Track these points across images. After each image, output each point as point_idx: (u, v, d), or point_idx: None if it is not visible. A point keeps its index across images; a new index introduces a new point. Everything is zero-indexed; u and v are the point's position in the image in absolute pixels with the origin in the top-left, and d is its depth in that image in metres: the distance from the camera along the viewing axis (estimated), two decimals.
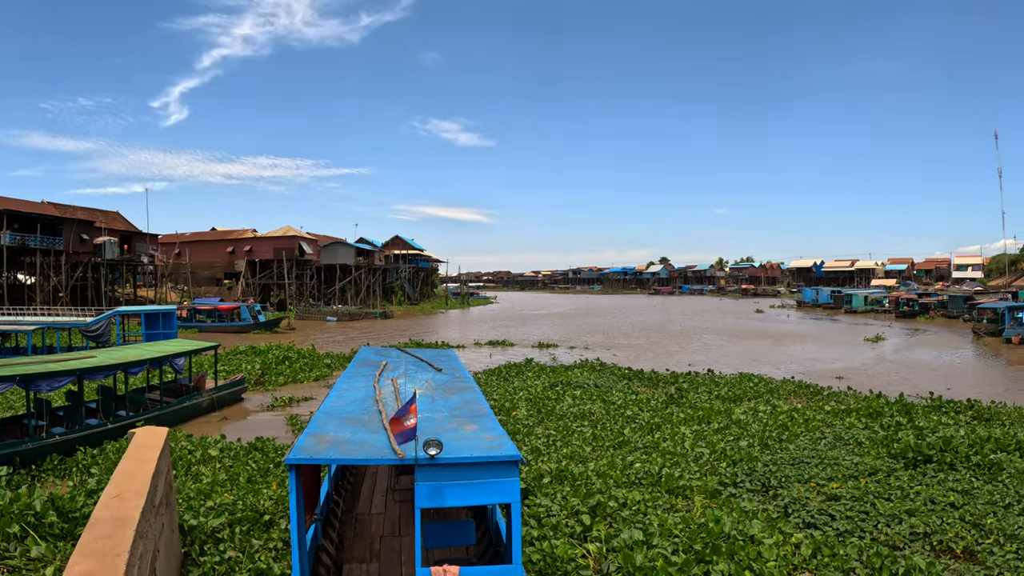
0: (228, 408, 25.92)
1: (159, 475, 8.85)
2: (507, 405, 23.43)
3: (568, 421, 20.99)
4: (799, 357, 45.50)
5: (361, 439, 7.81)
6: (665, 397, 25.28)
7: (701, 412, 22.22)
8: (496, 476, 7.20)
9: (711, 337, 61.91)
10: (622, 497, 12.67)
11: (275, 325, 68.85)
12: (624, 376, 31.62)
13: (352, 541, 10.30)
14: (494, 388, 27.85)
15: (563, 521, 11.31)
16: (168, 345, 25.93)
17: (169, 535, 9.23)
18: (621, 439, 18.49)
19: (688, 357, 44.70)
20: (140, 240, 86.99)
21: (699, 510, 12.54)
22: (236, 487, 13.50)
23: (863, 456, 16.41)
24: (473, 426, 8.54)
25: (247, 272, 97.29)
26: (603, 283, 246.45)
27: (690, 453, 16.97)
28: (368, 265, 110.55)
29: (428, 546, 8.71)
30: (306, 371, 34.37)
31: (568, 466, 14.94)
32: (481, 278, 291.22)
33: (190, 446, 17.40)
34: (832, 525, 11.96)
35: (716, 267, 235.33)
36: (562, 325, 76.99)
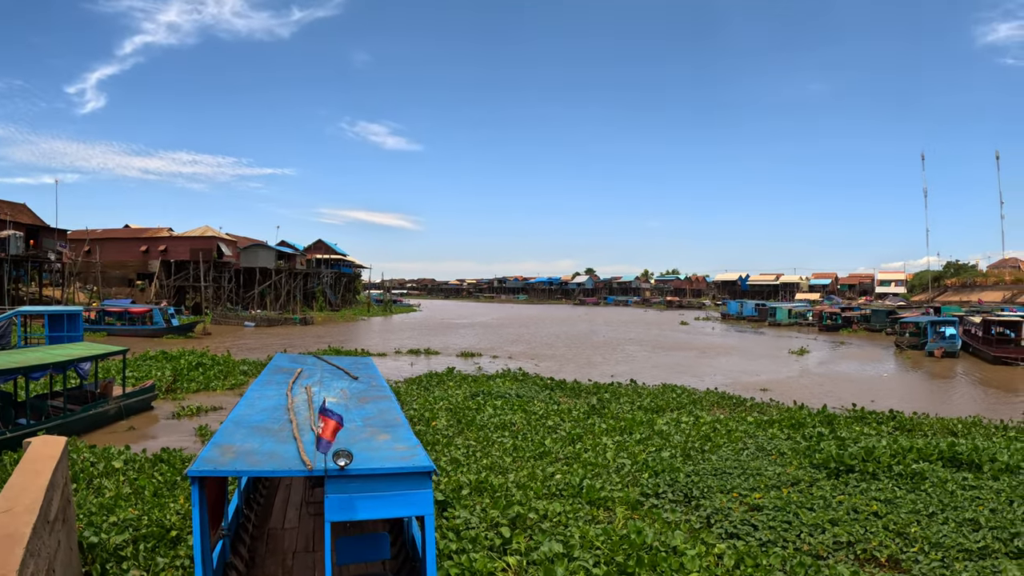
0: (136, 417, 24.96)
1: (55, 488, 8.35)
2: (427, 415, 23.16)
3: (489, 431, 20.82)
4: (724, 369, 46.26)
5: (270, 450, 7.52)
6: (587, 407, 25.31)
7: (623, 423, 22.26)
8: (409, 487, 7.04)
9: (635, 348, 62.53)
10: (543, 509, 12.52)
11: (189, 330, 67.11)
12: (546, 386, 31.65)
13: (264, 557, 9.92)
14: (414, 397, 27.57)
15: (482, 534, 11.12)
16: (73, 349, 24.85)
17: (67, 553, 8.73)
18: (542, 450, 18.36)
19: (611, 368, 45.04)
20: (48, 235, 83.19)
21: (621, 521, 12.47)
22: (141, 501, 12.91)
23: (786, 466, 16.63)
24: (386, 436, 8.38)
25: (161, 273, 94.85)
26: (528, 293, 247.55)
27: (612, 464, 16.93)
28: (289, 269, 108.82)
29: (341, 562, 8.43)
30: (220, 378, 33.48)
31: (488, 477, 14.72)
32: (405, 285, 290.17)
33: (93, 457, 16.58)
34: (755, 535, 11.99)
35: (642, 279, 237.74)
36: (486, 334, 76.97)
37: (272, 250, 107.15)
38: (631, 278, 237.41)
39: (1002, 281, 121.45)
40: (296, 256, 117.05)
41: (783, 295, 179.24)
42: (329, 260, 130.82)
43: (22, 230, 77.32)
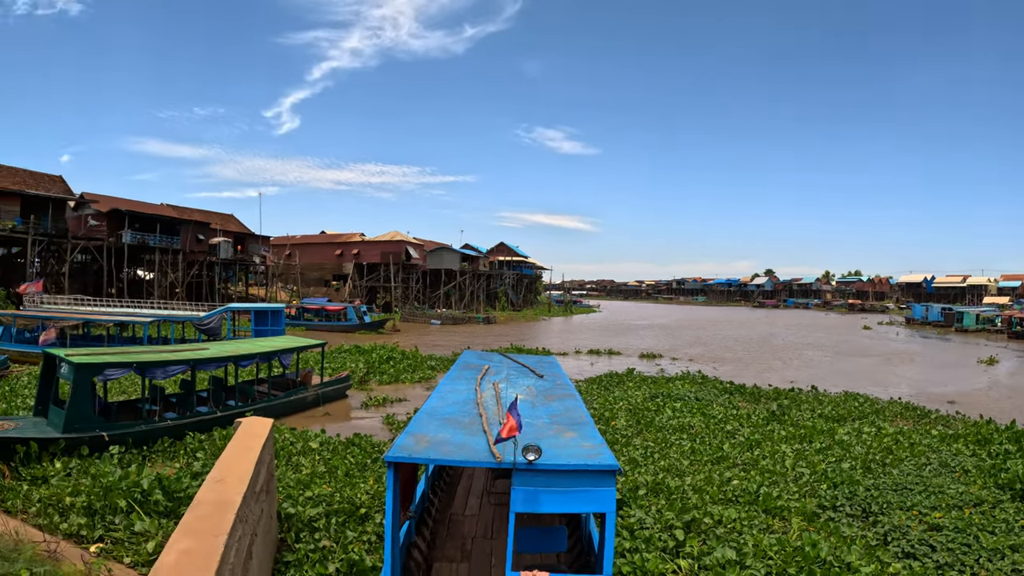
0: (332, 404, 26.45)
1: (262, 463, 9.12)
2: (606, 414, 23.30)
3: (667, 433, 20.70)
4: (908, 378, 43.73)
5: (460, 441, 7.87)
6: (767, 413, 24.67)
7: (803, 431, 21.55)
8: (593, 485, 7.13)
9: (816, 353, 60.13)
10: (717, 514, 12.37)
11: (380, 326, 70.11)
12: (726, 390, 31.03)
13: (444, 540, 10.34)
14: (594, 397, 27.72)
15: (656, 535, 11.10)
16: (277, 341, 26.80)
17: (267, 521, 9.50)
18: (720, 454, 18.12)
19: (792, 373, 43.57)
20: (253, 241, 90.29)
21: (796, 532, 12.16)
22: (334, 480, 13.84)
23: (969, 485, 15.56)
24: (572, 434, 8.49)
25: (354, 274, 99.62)
26: (707, 294, 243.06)
27: (790, 473, 16.49)
28: (472, 271, 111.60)
29: (520, 551, 8.65)
30: (409, 372, 34.81)
31: (664, 479, 14.74)
32: (584, 286, 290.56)
33: (292, 438, 17.99)
34: (932, 557, 11.37)
35: (822, 280, 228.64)
36: (665, 336, 76.08)
37: (456, 253, 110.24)
38: (811, 280, 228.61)
39: None
40: (479, 258, 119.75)
41: (970, 298, 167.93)
42: (511, 262, 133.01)
43: (231, 237, 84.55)
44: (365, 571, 9.72)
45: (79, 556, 9.55)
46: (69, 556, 9.37)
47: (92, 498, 11.69)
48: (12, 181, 61.33)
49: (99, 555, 9.78)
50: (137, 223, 72.09)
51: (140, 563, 9.87)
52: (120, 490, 11.57)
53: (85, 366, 16.55)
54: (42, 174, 65.72)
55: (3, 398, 23.07)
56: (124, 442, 16.72)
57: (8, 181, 60.90)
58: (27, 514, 11.72)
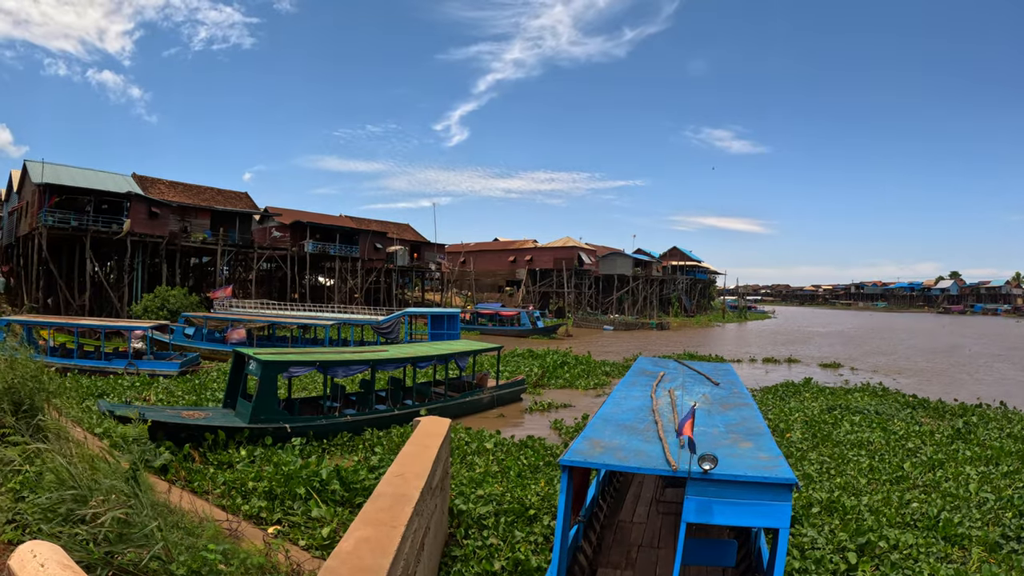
0: (506, 407, 27.05)
1: (439, 461, 9.55)
2: (781, 426, 22.76)
3: (844, 449, 19.93)
4: None
5: (635, 447, 7.92)
6: (951, 431, 23.12)
7: (990, 451, 20.03)
8: (768, 499, 7.00)
9: (1007, 366, 55.62)
10: (894, 538, 11.82)
11: (553, 331, 70.90)
12: (908, 404, 29.44)
13: (610, 546, 10.37)
14: (769, 407, 27.06)
15: (827, 556, 10.80)
16: (454, 344, 27.79)
17: (440, 515, 9.95)
18: (900, 474, 17.23)
19: (980, 388, 40.72)
20: (428, 249, 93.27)
21: (975, 564, 11.40)
22: (506, 480, 14.25)
23: None
24: (748, 444, 8.41)
25: (527, 280, 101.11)
26: (887, 299, 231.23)
27: (973, 498, 15.34)
28: (645, 276, 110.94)
29: (686, 563, 8.45)
30: (584, 377, 35.08)
31: (840, 497, 14.23)
32: (758, 291, 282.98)
33: (468, 438, 18.66)
34: None
35: (1013, 283, 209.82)
36: (843, 344, 72.97)
37: (629, 258, 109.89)
38: (1000, 283, 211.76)
39: None
40: (651, 263, 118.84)
41: None
42: (684, 267, 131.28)
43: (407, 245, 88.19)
44: (530, 571, 9.95)
45: (259, 536, 10.23)
46: (249, 535, 10.02)
47: (273, 484, 12.52)
48: (202, 198, 67.19)
49: (277, 536, 10.43)
50: (318, 233, 76.28)
51: (314, 546, 10.52)
52: (300, 478, 12.39)
53: (272, 363, 17.90)
54: (229, 191, 71.80)
55: (194, 391, 25.11)
56: (305, 434, 17.93)
57: (199, 198, 66.79)
58: (212, 495, 12.78)
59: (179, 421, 16.21)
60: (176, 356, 33.60)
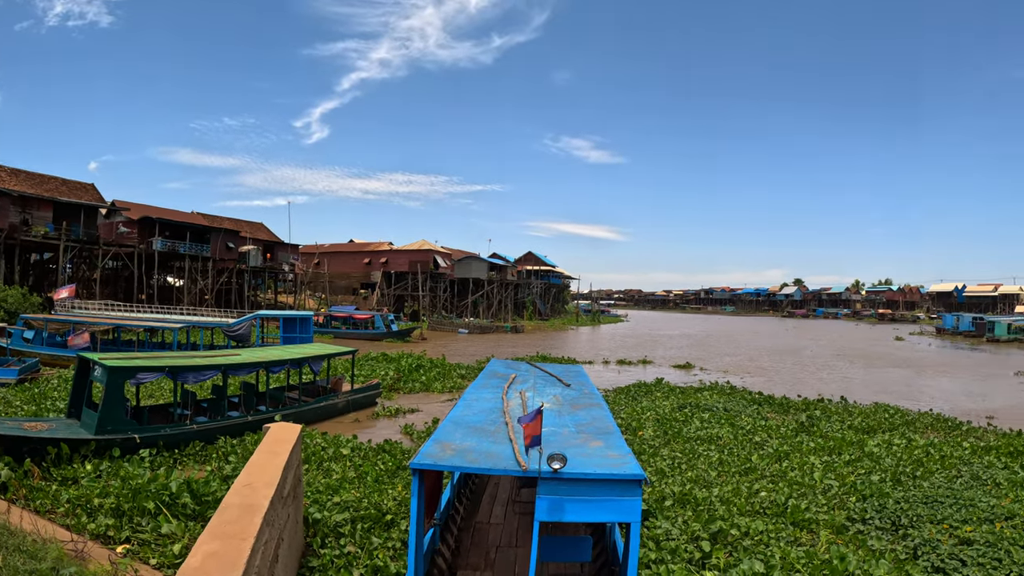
0: (362, 411, 26.58)
1: (289, 468, 9.19)
2: (634, 424, 23.20)
3: (695, 444, 20.59)
4: (942, 390, 43.20)
5: (486, 449, 7.93)
6: (795, 425, 24.43)
7: (832, 442, 21.32)
8: (618, 495, 7.14)
9: (846, 364, 59.38)
10: (745, 526, 12.25)
11: (407, 335, 70.43)
12: (754, 401, 30.78)
13: (468, 548, 10.36)
14: (622, 407, 27.62)
15: (682, 546, 11.04)
16: (308, 348, 27.08)
17: (294, 526, 9.57)
18: (748, 466, 17.97)
19: (821, 385, 43.08)
20: (282, 249, 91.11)
21: (824, 545, 12.01)
22: (363, 485, 13.93)
23: (1000, 498, 15.28)
24: (599, 443, 8.54)
25: (382, 283, 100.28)
26: (735, 304, 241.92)
27: (818, 485, 16.30)
28: (500, 280, 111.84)
29: (544, 560, 8.59)
30: (440, 380, 34.93)
31: (692, 490, 14.65)
32: (612, 296, 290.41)
33: (324, 443, 18.16)
34: (962, 571, 11.16)
35: (852, 290, 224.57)
36: (693, 346, 75.75)
37: (484, 262, 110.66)
38: (841, 289, 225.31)
39: None
40: (507, 267, 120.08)
41: (1002, 307, 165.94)
42: (538, 271, 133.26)
43: (260, 245, 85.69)
44: None
45: (106, 556, 9.68)
46: (96, 556, 9.50)
47: (120, 500, 11.82)
48: (44, 188, 62.02)
49: (126, 556, 9.91)
50: (167, 231, 73.05)
51: (166, 565, 9.99)
52: (148, 492, 11.71)
53: (118, 369, 16.85)
54: (74, 182, 66.60)
55: (34, 400, 23.48)
56: (155, 445, 16.99)
57: (41, 188, 61.61)
58: (55, 514, 11.88)
59: (19, 434, 14.76)
60: (14, 362, 31.04)
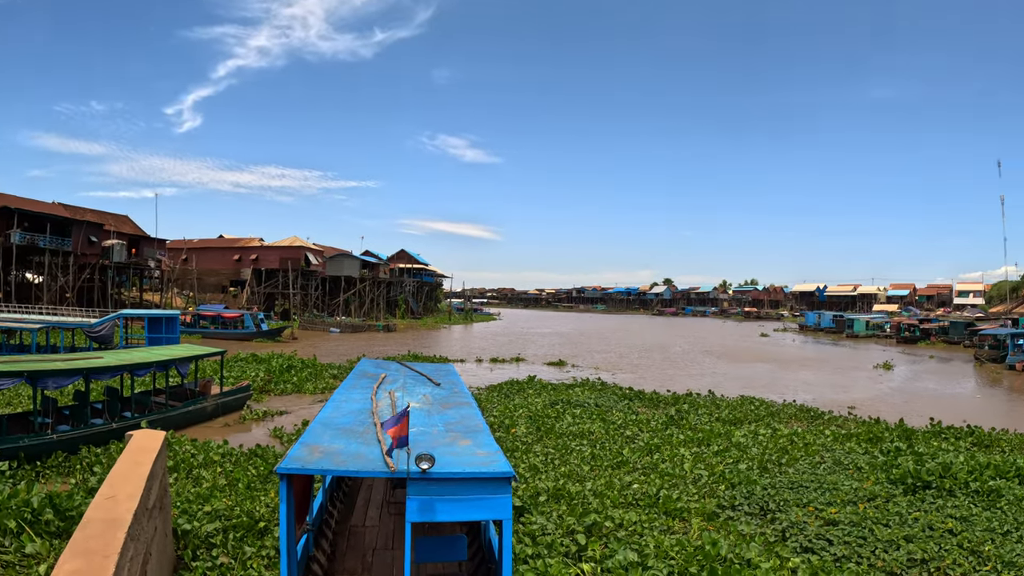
0: (232, 414, 25.85)
1: (154, 478, 8.85)
2: (507, 422, 23.35)
3: (567, 440, 20.88)
4: (805, 383, 45.40)
5: (355, 451, 7.81)
6: (665, 418, 25.19)
7: (701, 434, 22.11)
8: (488, 492, 7.17)
9: (713, 360, 61.80)
10: (619, 517, 12.53)
11: (278, 334, 69.01)
12: (625, 396, 31.57)
13: (344, 553, 10.23)
14: (494, 404, 27.77)
15: (558, 540, 11.18)
16: (175, 350, 26.07)
17: (162, 538, 9.22)
18: (620, 459, 18.37)
19: (690, 380, 44.51)
20: (148, 244, 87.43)
21: (696, 532, 12.42)
22: (235, 493, 13.51)
23: (862, 481, 16.32)
24: (467, 441, 8.54)
25: (252, 280, 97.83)
26: (606, 303, 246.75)
27: (689, 475, 16.87)
28: (373, 278, 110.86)
29: (420, 560, 8.62)
30: (311, 381, 34.37)
31: (565, 485, 14.83)
32: (485, 294, 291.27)
33: (193, 450, 17.44)
34: (830, 550, 11.87)
35: (720, 289, 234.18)
36: (565, 344, 76.91)
37: (356, 260, 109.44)
38: (709, 288, 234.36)
39: None
40: (379, 265, 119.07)
41: (861, 306, 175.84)
42: (411, 269, 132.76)
43: (125, 240, 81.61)
44: None
45: None
46: None
47: None
48: None
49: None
50: (26, 222, 68.88)
51: None
52: (9, 509, 11.03)
53: None
54: None
55: None
56: (15, 457, 16.02)
57: None
58: None
59: None
60: None
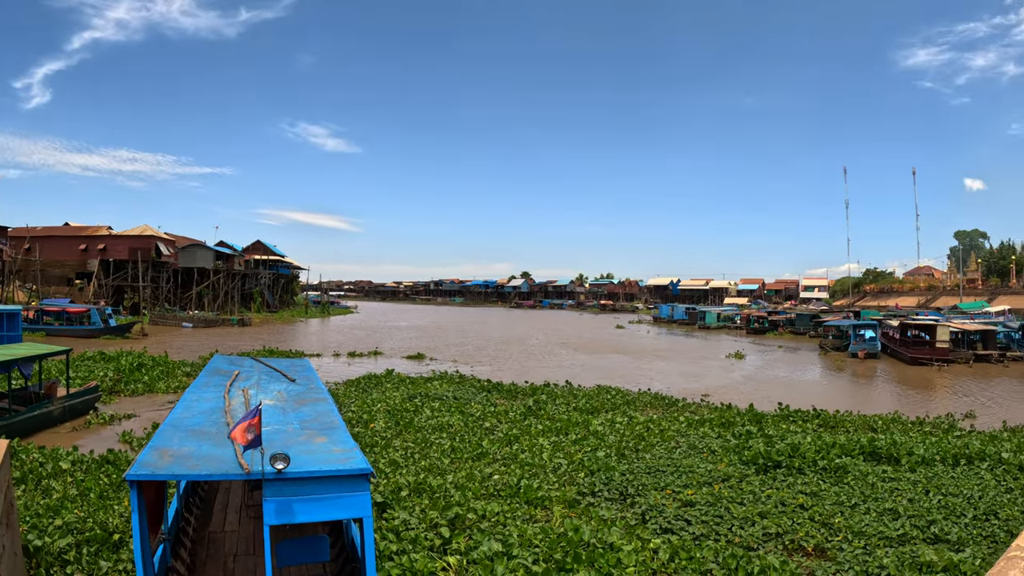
0: (80, 418, 24.72)
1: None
2: (365, 417, 23.34)
3: (427, 433, 21.05)
4: (660, 372, 47.19)
5: (207, 453, 7.60)
6: (524, 409, 25.69)
7: (559, 424, 22.75)
8: (346, 490, 7.14)
9: (571, 351, 63.16)
10: (481, 509, 12.80)
11: (127, 330, 66.05)
12: (483, 388, 32.02)
13: (204, 561, 9.95)
14: (352, 399, 27.70)
15: (422, 534, 11.30)
16: (17, 348, 24.48)
17: (12, 558, 8.83)
18: (480, 451, 18.69)
19: (548, 371, 45.33)
20: None
21: (558, 520, 12.85)
22: (87, 503, 13.04)
23: (716, 463, 17.41)
24: (323, 439, 8.44)
25: (100, 272, 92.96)
26: (464, 296, 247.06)
27: (549, 464, 17.37)
28: (228, 270, 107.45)
29: (282, 564, 8.38)
30: (164, 379, 33.27)
31: (426, 478, 14.97)
32: (342, 287, 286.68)
33: (41, 458, 16.67)
34: (688, 530, 12.63)
35: (576, 283, 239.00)
36: (423, 337, 76.88)
37: (211, 250, 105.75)
38: (566, 281, 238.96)
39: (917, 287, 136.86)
40: (234, 257, 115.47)
41: (712, 299, 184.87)
42: (267, 261, 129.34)
43: None
44: None
45: None
46: None
47: None
48: None
49: None
50: None
51: None
52: None
53: None
54: None
55: None
56: None
57: None
58: None
59: None
60: None
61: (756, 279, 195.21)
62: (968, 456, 18.24)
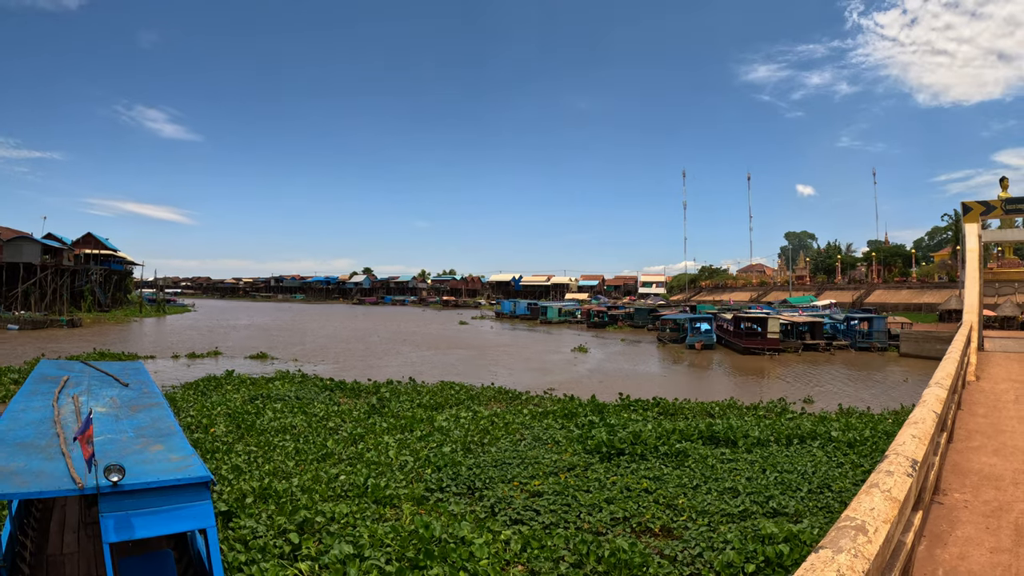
0: None
1: None
2: (204, 421, 22.52)
3: (270, 436, 20.56)
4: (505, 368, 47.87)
5: (35, 468, 7.04)
6: (367, 407, 25.55)
7: (404, 421, 22.73)
8: (187, 500, 6.81)
9: (414, 348, 63.23)
10: (329, 511, 12.61)
11: None
12: (326, 387, 31.61)
13: None
14: (190, 403, 26.56)
15: (271, 542, 11.08)
16: None
17: None
18: (325, 451, 18.42)
19: (391, 368, 45.27)
20: None
21: (408, 517, 12.81)
22: None
23: (561, 454, 17.81)
24: (160, 446, 8.05)
25: None
26: (306, 292, 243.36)
27: (395, 462, 17.28)
28: (56, 265, 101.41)
29: None
30: None
31: (271, 483, 14.60)
32: (179, 284, 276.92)
33: None
34: (538, 519, 12.90)
35: (419, 279, 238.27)
36: (265, 335, 75.14)
37: (38, 244, 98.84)
38: (408, 278, 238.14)
39: (749, 283, 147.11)
40: (64, 251, 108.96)
41: (554, 295, 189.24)
42: (99, 256, 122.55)
43: None
44: None
45: None
46: None
47: None
48: None
49: None
50: None
51: None
52: None
53: None
54: None
55: None
56: None
57: None
58: None
59: None
60: None
61: (596, 275, 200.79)
62: (800, 436, 19.79)
